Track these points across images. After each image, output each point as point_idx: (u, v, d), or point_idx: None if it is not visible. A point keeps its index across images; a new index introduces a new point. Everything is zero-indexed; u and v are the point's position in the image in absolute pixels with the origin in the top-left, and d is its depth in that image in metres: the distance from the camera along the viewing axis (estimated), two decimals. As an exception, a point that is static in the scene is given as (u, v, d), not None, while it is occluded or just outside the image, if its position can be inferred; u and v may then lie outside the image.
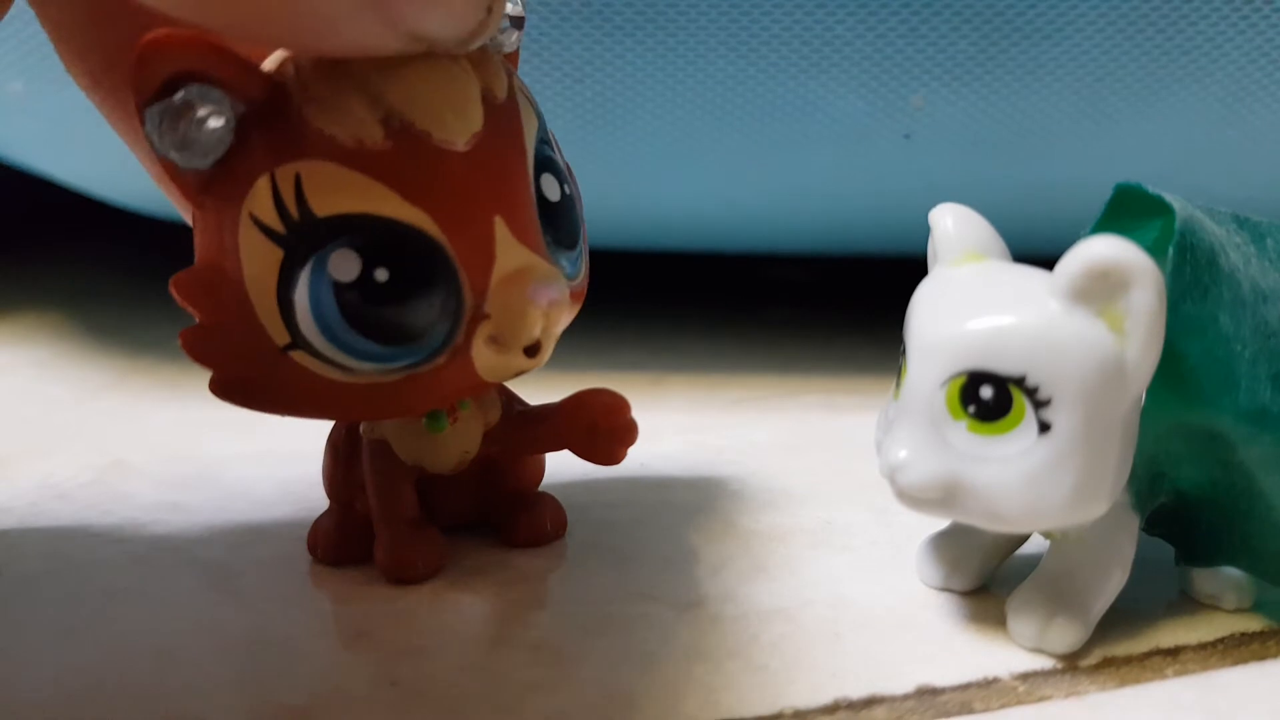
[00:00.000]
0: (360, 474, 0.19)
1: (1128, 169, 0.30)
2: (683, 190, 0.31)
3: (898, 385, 0.17)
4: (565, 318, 0.17)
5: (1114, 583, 0.17)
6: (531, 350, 0.16)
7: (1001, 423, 0.15)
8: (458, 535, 0.20)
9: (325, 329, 0.15)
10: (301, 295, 0.15)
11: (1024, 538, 0.19)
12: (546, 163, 0.17)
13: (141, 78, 0.14)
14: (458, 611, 0.18)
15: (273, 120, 0.15)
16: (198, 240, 0.16)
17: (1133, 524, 0.17)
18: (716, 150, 0.29)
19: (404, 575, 0.19)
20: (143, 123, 0.14)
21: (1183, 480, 0.17)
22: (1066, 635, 0.17)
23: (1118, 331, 0.15)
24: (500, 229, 0.16)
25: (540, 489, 0.21)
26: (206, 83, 0.14)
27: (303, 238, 0.15)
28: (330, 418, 0.17)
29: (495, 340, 0.16)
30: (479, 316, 0.16)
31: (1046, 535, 0.17)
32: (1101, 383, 0.15)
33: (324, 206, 0.15)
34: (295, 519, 0.21)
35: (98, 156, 0.32)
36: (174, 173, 0.15)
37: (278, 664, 0.16)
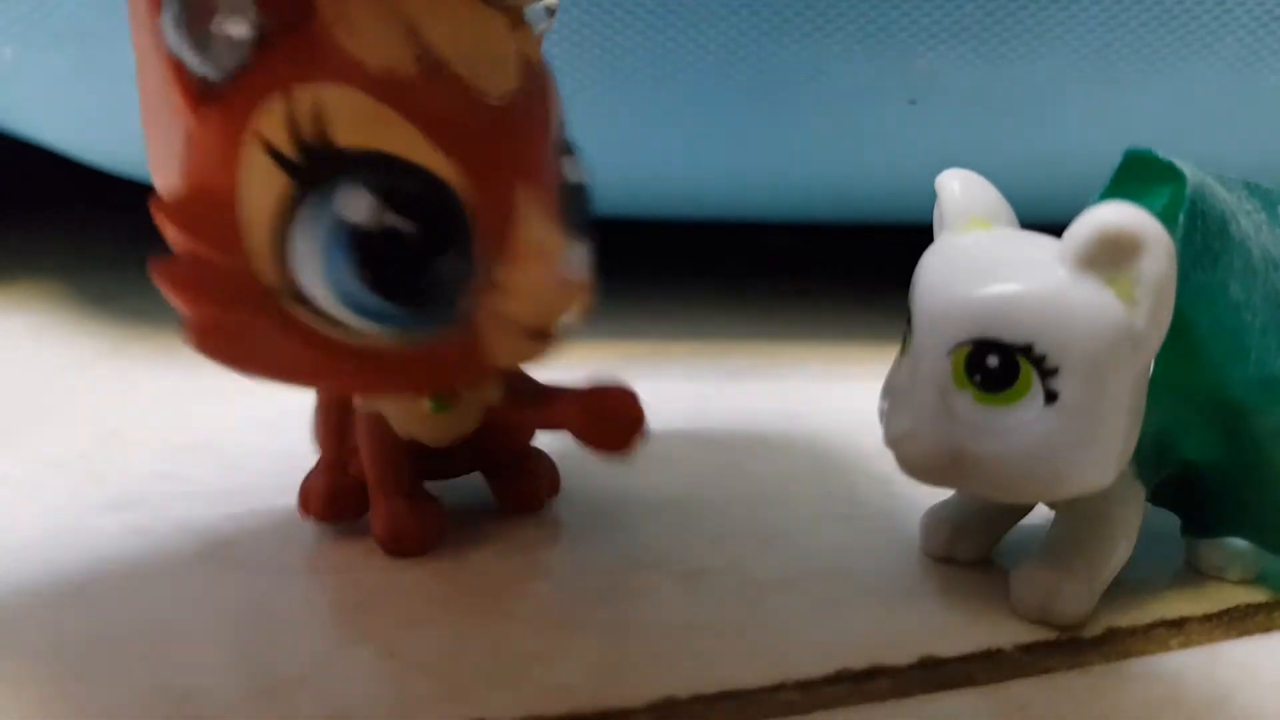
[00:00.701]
0: (353, 439, 0.19)
1: (1136, 134, 0.30)
2: (684, 158, 0.30)
3: (902, 354, 0.17)
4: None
5: (1120, 554, 0.17)
6: (540, 334, 0.15)
7: (1008, 393, 0.15)
8: (456, 505, 0.20)
9: (329, 274, 0.14)
10: (303, 232, 0.14)
11: (1029, 508, 0.18)
12: (568, 146, 0.16)
13: None
14: (457, 582, 0.18)
15: (298, 36, 0.14)
16: (189, 158, 0.14)
17: (1139, 495, 0.17)
18: (718, 117, 0.28)
19: (403, 548, 0.19)
20: (159, 13, 0.13)
21: (1190, 450, 0.17)
22: (1071, 606, 0.16)
23: (1127, 299, 0.15)
24: (525, 195, 0.14)
25: (548, 465, 0.21)
26: None
27: (314, 167, 0.14)
28: (318, 385, 0.16)
29: (510, 317, 0.15)
30: (490, 285, 0.15)
31: (1051, 505, 0.17)
32: (1110, 352, 0.15)
33: (343, 136, 0.14)
34: (293, 489, 0.21)
35: (88, 122, 0.31)
36: (179, 75, 0.14)
37: (276, 634, 0.16)
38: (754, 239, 0.45)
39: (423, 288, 0.14)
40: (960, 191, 0.17)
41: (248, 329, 0.15)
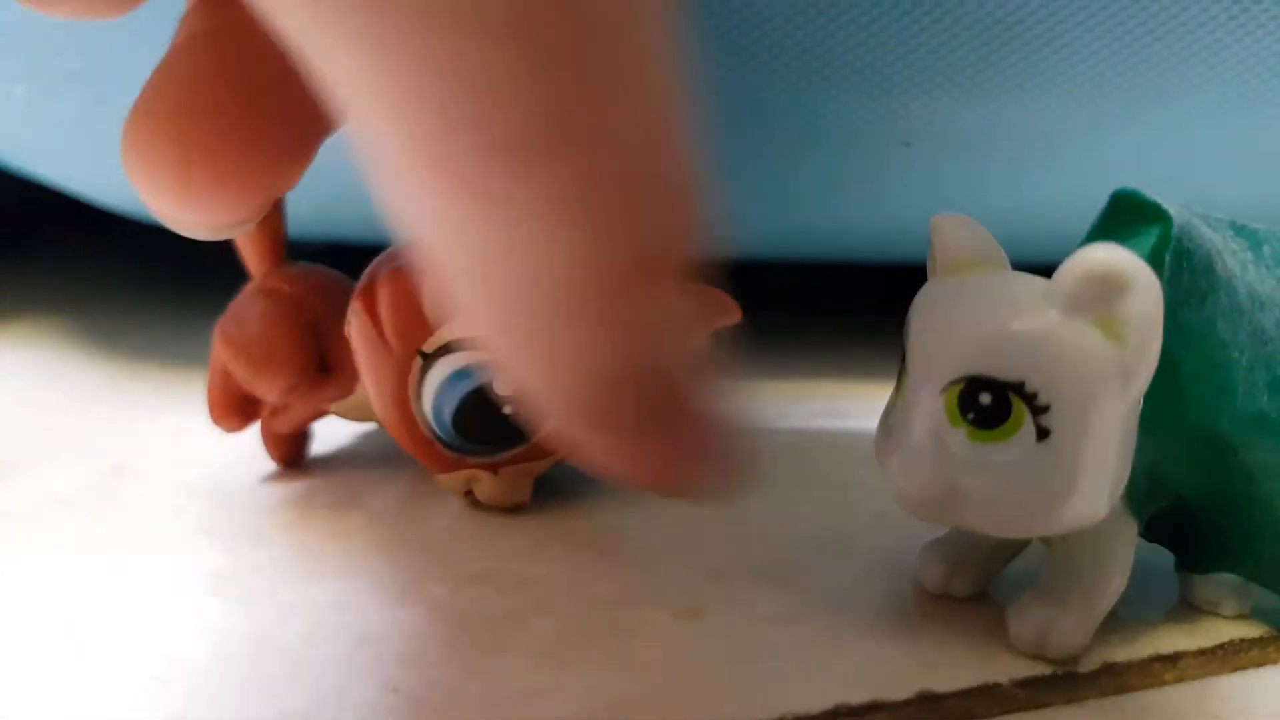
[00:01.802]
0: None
1: (1126, 176, 0.30)
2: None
3: (897, 391, 0.17)
4: None
5: (1114, 588, 0.17)
6: None
7: (1000, 430, 0.15)
8: (458, 541, 0.20)
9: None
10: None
11: (1024, 543, 0.19)
12: None
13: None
14: (458, 618, 0.18)
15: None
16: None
17: (1131, 529, 0.17)
18: (714, 158, 0.29)
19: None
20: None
21: (1182, 486, 0.17)
22: (1067, 641, 0.17)
23: (1115, 338, 0.15)
24: None
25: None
26: None
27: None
28: None
29: None
30: None
31: (1045, 542, 0.17)
32: (1100, 389, 0.15)
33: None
34: (295, 525, 0.21)
35: (100, 162, 0.32)
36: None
37: (279, 670, 0.16)
38: (751, 277, 0.46)
39: None
40: (952, 233, 0.17)
41: None
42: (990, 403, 0.15)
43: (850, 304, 0.41)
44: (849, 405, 0.29)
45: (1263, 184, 0.30)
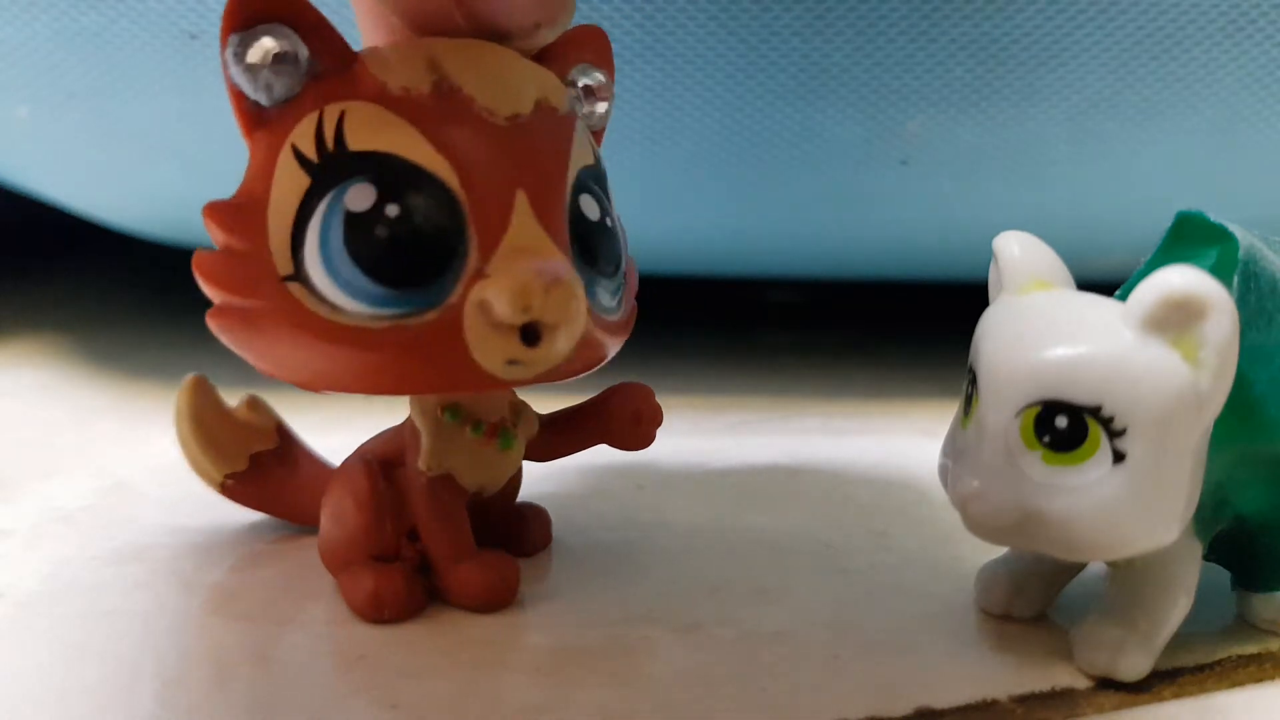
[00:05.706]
0: (405, 521, 0.19)
1: (1122, 193, 0.30)
2: (682, 215, 0.31)
3: (965, 413, 0.17)
4: (586, 327, 0.16)
5: (1179, 610, 0.17)
6: (530, 336, 0.15)
7: (1076, 453, 0.15)
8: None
9: (325, 257, 0.15)
10: (314, 224, 0.16)
11: (1085, 564, 0.18)
12: (588, 189, 0.17)
13: (237, 5, 0.16)
14: (457, 634, 0.18)
15: (336, 73, 0.16)
16: (246, 171, 0.16)
17: (1197, 551, 0.17)
18: (715, 176, 0.29)
19: (500, 601, 0.19)
20: (224, 47, 0.16)
21: (1245, 505, 0.17)
22: (1136, 663, 0.17)
23: (1192, 361, 0.15)
24: (521, 202, 0.16)
25: (541, 512, 0.22)
26: (292, 28, 0.16)
27: (331, 168, 0.16)
28: (308, 371, 0.16)
29: (486, 306, 0.15)
30: (479, 275, 0.15)
31: (1111, 564, 0.17)
32: (1177, 412, 0.15)
33: (357, 141, 0.16)
34: (295, 541, 0.21)
35: (101, 181, 0.32)
36: (237, 100, 0.16)
37: (279, 686, 0.16)
38: (753, 294, 0.46)
39: (410, 269, 0.16)
40: (1020, 253, 0.17)
41: (258, 314, 0.16)
42: (1067, 426, 0.15)
43: (851, 320, 0.41)
44: (847, 422, 0.29)
45: (1257, 200, 0.30)
